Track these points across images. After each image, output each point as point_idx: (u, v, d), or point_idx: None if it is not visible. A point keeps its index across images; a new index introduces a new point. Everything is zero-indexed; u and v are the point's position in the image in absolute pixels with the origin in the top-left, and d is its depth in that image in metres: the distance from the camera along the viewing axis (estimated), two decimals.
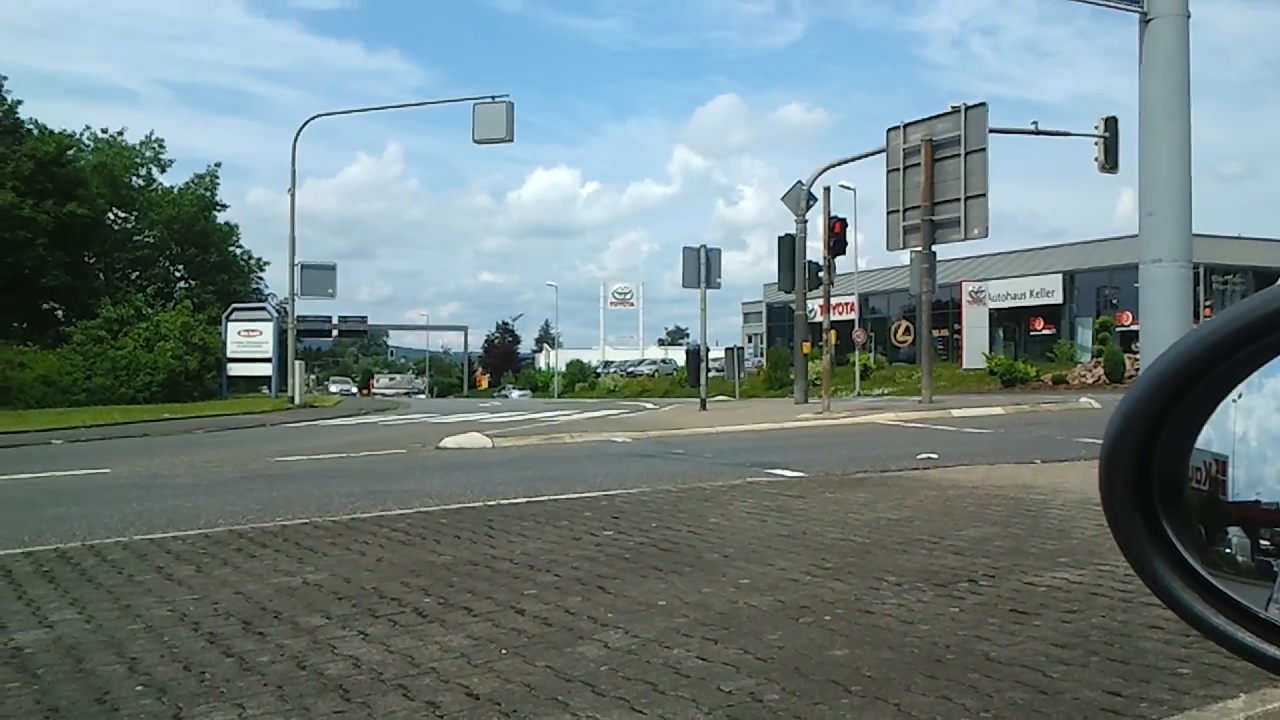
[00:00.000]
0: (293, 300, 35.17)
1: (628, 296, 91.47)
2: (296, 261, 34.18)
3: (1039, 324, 48.74)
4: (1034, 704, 3.20)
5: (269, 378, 38.31)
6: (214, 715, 3.22)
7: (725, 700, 3.29)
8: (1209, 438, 0.69)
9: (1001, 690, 3.33)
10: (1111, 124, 24.24)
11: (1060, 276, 47.64)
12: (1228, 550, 0.68)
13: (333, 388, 77.65)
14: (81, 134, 50.08)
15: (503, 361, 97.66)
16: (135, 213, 51.94)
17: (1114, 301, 44.02)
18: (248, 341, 38.74)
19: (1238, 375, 0.67)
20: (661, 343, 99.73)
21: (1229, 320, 0.64)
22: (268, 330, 38.67)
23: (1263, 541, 0.67)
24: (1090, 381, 33.04)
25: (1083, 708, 3.16)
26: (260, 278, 56.92)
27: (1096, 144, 24.53)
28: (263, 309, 42.13)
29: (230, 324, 39.19)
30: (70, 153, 45.44)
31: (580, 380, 70.98)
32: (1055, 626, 4.10)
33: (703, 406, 24.33)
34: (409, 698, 3.37)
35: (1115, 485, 0.69)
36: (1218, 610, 0.68)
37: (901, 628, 4.14)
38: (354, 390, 78.13)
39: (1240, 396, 0.67)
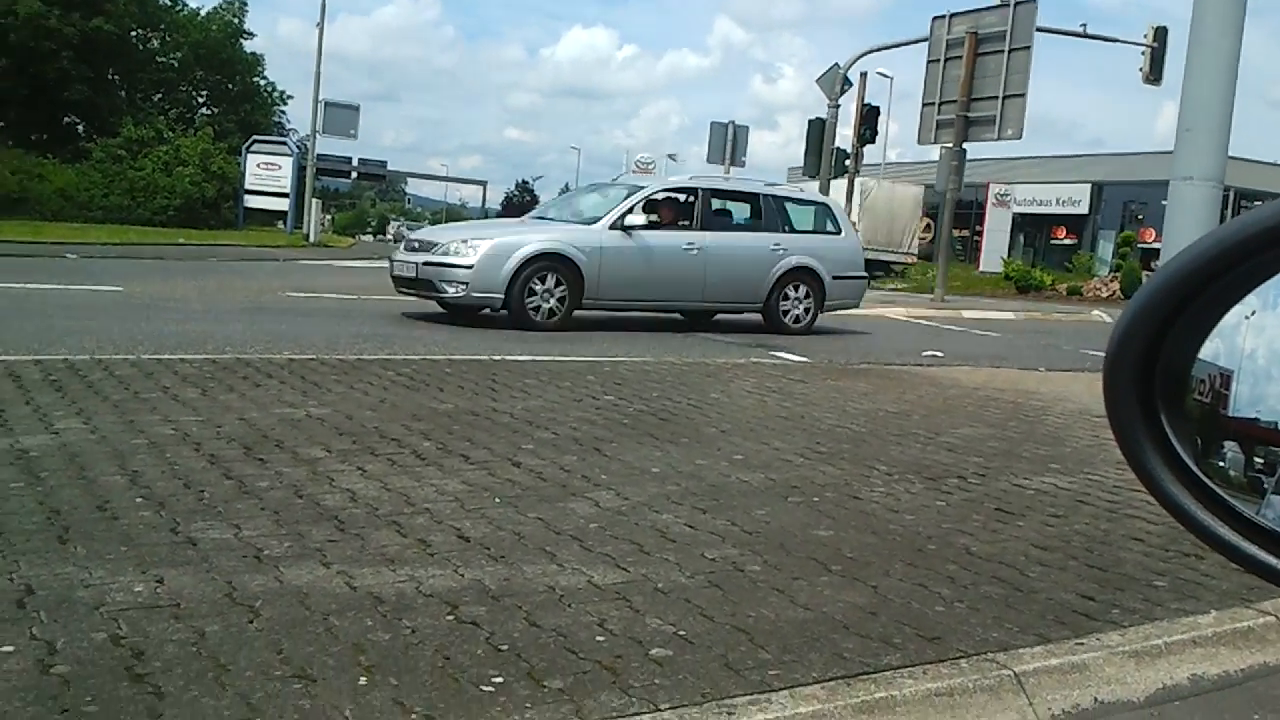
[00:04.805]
0: (314, 137, 34.87)
1: (650, 166, 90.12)
2: (321, 98, 33.75)
3: (1061, 233, 48.12)
4: (1008, 599, 3.28)
5: (285, 213, 38.17)
6: (210, 532, 3.30)
7: (708, 566, 3.37)
8: (1217, 350, 0.69)
9: (978, 583, 3.41)
10: (1161, 34, 23.54)
11: (1089, 187, 46.83)
12: (1221, 464, 0.69)
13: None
14: None
15: None
16: (161, 33, 51.00)
17: (1139, 217, 43.36)
18: (266, 174, 38.49)
19: (1251, 282, 0.66)
20: None
21: (1246, 224, 0.63)
22: (287, 165, 38.39)
23: (1257, 459, 0.68)
24: (1105, 295, 32.80)
25: (1055, 608, 3.24)
26: (283, 111, 56.22)
27: (1143, 53, 23.88)
28: (283, 143, 41.76)
29: (250, 155, 38.85)
30: None
31: None
32: (1038, 529, 4.17)
33: None
34: (402, 534, 3.46)
35: (1119, 374, 0.70)
36: (1205, 507, 0.70)
37: (887, 515, 4.21)
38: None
39: (1254, 314, 0.67)
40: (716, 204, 12.48)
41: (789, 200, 13.24)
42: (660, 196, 11.98)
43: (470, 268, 10.54)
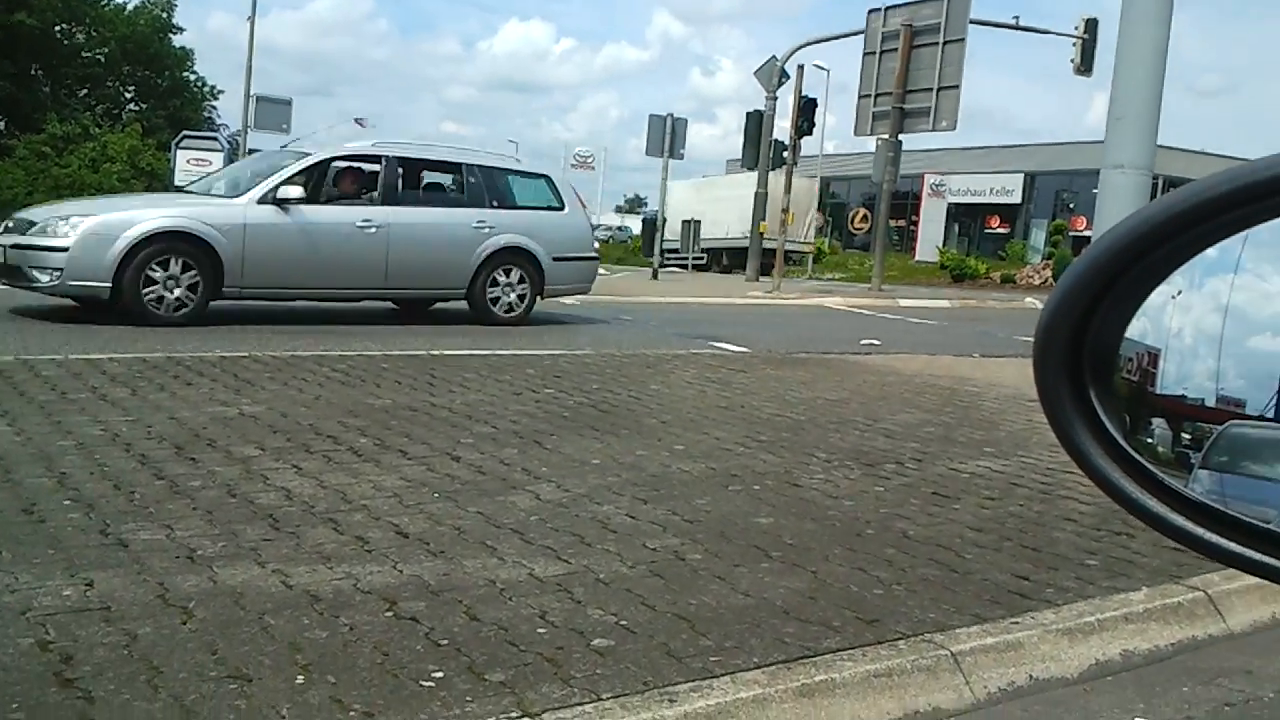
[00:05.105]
0: (245, 133, 34.12)
1: (589, 160, 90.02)
2: (252, 93, 33.13)
3: (995, 222, 48.88)
4: (945, 581, 3.32)
5: None
6: (141, 534, 3.24)
7: (649, 556, 3.37)
8: (1144, 329, 0.70)
9: (915, 566, 3.45)
10: (1091, 26, 24.00)
11: (1021, 176, 47.60)
12: (1150, 440, 0.70)
13: None
14: None
15: None
16: (86, 27, 49.84)
17: (1071, 206, 44.16)
18: (197, 171, 37.59)
19: (1175, 261, 0.67)
20: (619, 209, 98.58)
21: (1170, 204, 0.64)
22: (218, 161, 37.35)
23: (1184, 435, 0.69)
24: (1038, 283, 33.37)
25: (991, 588, 3.29)
26: (213, 106, 55.04)
27: (1075, 45, 24.32)
28: (214, 139, 40.77)
29: (180, 151, 37.86)
30: None
31: None
32: (974, 511, 4.23)
33: (655, 276, 24.30)
34: (339, 531, 3.42)
35: (1049, 354, 0.70)
36: (1135, 481, 0.71)
37: (826, 502, 4.24)
38: None
39: (1180, 294, 0.68)
40: (413, 175, 10.92)
41: (501, 171, 11.40)
42: (340, 166, 10.46)
43: (65, 250, 8.70)
